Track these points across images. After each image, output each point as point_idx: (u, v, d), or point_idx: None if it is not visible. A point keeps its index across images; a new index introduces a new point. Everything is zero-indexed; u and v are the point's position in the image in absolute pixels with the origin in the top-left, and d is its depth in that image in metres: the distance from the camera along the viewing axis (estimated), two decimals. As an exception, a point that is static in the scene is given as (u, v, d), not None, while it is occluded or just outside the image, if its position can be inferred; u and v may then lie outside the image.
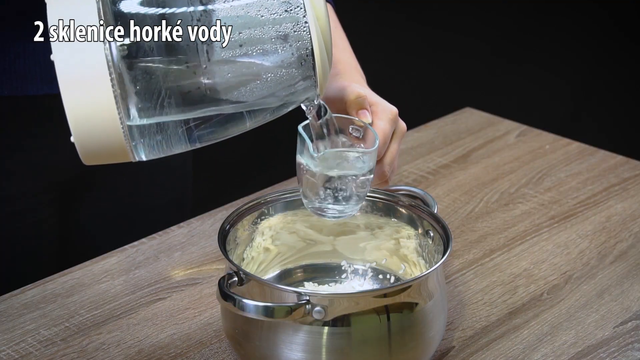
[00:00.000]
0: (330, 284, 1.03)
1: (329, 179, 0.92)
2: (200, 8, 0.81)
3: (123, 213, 1.27)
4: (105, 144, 0.80)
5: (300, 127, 0.90)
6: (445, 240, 0.93)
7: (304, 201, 0.94)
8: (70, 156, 0.87)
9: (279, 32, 0.82)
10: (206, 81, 0.81)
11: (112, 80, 0.78)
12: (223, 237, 0.93)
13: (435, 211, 0.98)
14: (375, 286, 1.02)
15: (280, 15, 0.82)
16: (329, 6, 1.15)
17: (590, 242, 1.16)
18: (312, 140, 0.90)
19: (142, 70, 0.80)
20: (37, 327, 1.00)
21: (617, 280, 1.09)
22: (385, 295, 0.87)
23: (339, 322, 0.85)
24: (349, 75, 1.04)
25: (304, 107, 0.87)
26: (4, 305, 1.04)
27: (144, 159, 0.83)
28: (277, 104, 0.84)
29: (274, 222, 1.01)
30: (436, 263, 0.91)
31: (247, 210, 0.98)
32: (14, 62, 1.08)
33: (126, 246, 1.15)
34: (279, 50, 0.81)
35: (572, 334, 1.00)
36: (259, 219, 1.00)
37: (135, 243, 1.15)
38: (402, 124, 0.98)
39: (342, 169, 0.92)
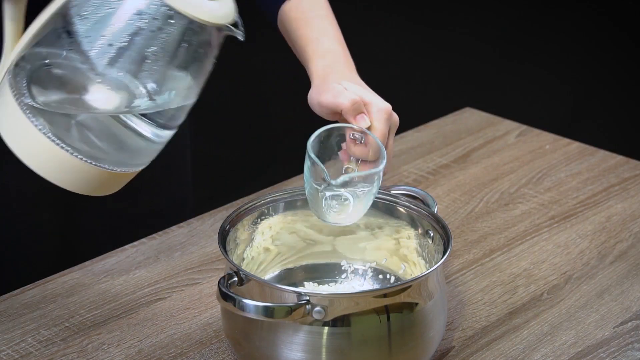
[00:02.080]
0: (330, 284, 1.03)
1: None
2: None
3: (123, 213, 1.27)
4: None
5: (311, 155, 0.91)
6: (445, 240, 0.93)
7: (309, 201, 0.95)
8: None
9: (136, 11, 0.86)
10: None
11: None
12: (223, 237, 0.93)
13: (435, 211, 0.98)
14: (375, 286, 1.02)
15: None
16: None
17: (590, 242, 1.16)
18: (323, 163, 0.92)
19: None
20: (37, 327, 1.00)
21: (617, 280, 1.09)
22: (385, 295, 0.87)
23: (339, 322, 0.85)
24: (338, 69, 1.03)
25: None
26: (4, 305, 1.04)
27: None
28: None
29: (274, 222, 1.01)
30: (436, 263, 0.91)
31: (247, 210, 0.98)
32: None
33: (126, 246, 1.15)
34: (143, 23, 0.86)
35: (572, 334, 1.00)
36: (259, 219, 1.00)
37: (135, 243, 1.15)
38: (396, 119, 0.98)
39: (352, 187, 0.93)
